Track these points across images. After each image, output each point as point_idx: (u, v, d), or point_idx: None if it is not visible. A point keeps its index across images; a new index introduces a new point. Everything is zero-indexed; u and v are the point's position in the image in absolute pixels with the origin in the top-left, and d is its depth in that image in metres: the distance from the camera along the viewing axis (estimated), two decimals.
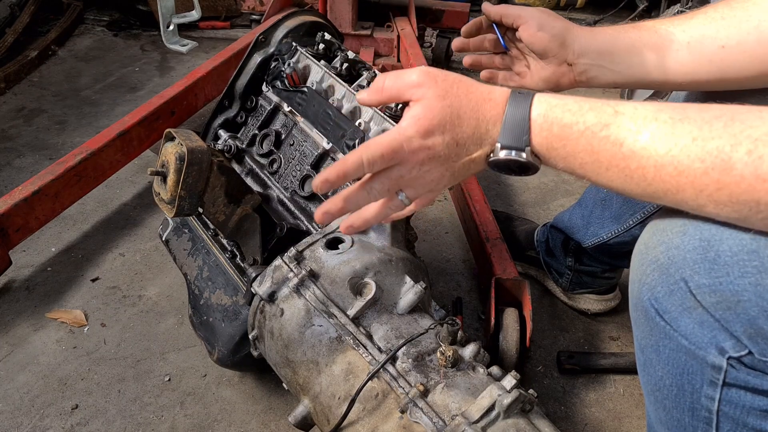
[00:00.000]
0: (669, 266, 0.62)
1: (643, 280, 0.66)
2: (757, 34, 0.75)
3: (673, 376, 0.67)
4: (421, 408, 0.76)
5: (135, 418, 1.14)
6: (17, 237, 1.37)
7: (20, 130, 2.02)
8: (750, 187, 0.52)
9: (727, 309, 0.58)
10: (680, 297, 0.61)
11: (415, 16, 2.47)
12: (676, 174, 0.56)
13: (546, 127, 0.63)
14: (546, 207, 1.82)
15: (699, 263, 0.59)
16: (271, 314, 0.91)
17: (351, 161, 0.68)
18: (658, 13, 3.12)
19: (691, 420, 0.68)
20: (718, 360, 0.61)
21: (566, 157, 0.63)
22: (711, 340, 0.61)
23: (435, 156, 0.67)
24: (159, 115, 1.69)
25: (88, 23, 2.87)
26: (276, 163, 1.18)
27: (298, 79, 1.22)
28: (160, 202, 0.95)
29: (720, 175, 0.53)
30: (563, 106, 0.63)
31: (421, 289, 0.90)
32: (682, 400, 0.68)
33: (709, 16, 0.80)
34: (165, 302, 1.39)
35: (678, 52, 0.82)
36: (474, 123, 0.66)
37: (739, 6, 0.77)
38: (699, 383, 0.64)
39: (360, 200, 0.73)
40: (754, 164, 0.51)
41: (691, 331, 0.62)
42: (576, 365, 1.28)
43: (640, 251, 0.67)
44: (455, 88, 0.66)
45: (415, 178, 0.69)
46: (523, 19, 0.90)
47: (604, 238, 1.24)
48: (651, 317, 0.66)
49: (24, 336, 1.29)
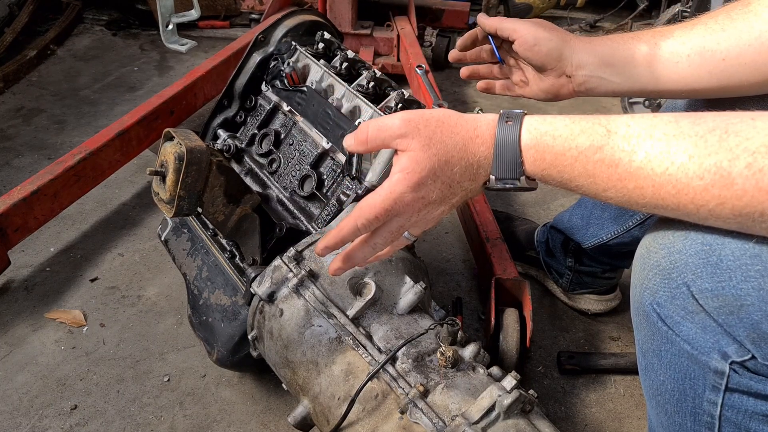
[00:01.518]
0: (671, 270, 0.62)
1: (645, 285, 0.65)
2: (759, 45, 0.75)
3: (675, 380, 0.67)
4: (421, 408, 0.76)
5: (134, 418, 1.14)
6: (16, 237, 1.37)
7: (19, 129, 2.02)
8: (753, 200, 0.52)
9: (729, 313, 0.58)
10: (682, 301, 0.61)
11: (414, 15, 2.46)
12: (675, 192, 0.55)
13: (539, 156, 0.63)
14: (546, 207, 1.81)
15: (701, 267, 0.59)
16: (270, 314, 0.91)
17: (346, 229, 0.68)
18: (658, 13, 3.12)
19: (693, 425, 0.68)
20: (720, 365, 0.61)
21: (563, 182, 0.63)
22: (714, 345, 0.61)
23: (430, 203, 0.67)
24: (158, 114, 1.69)
25: (87, 23, 2.86)
26: (275, 163, 1.17)
27: (298, 78, 1.22)
28: (159, 202, 0.94)
29: (720, 191, 0.53)
30: (553, 132, 0.62)
31: (421, 289, 0.89)
32: (684, 404, 0.67)
33: (709, 28, 0.79)
34: (164, 302, 1.39)
35: (678, 64, 0.82)
36: (464, 163, 0.65)
37: (740, 17, 0.77)
38: (701, 388, 0.64)
39: (366, 255, 0.72)
40: (755, 177, 0.51)
41: (694, 336, 0.62)
42: (576, 365, 1.28)
43: (642, 255, 0.67)
44: (439, 133, 0.65)
45: (414, 222, 0.69)
46: (518, 33, 0.89)
47: (603, 239, 1.23)
48: (653, 322, 0.65)
49: (23, 336, 1.29)
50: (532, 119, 0.64)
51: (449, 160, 0.64)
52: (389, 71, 2.33)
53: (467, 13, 2.67)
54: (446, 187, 0.66)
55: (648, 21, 3.32)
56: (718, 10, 0.81)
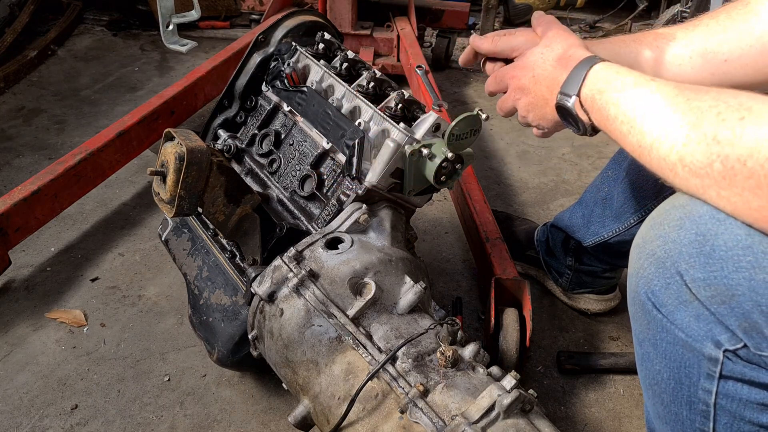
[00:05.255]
0: (665, 260, 0.63)
1: (640, 274, 0.67)
2: (760, 45, 0.76)
3: (670, 369, 0.68)
4: (421, 408, 0.76)
5: (134, 418, 1.14)
6: (17, 237, 1.37)
7: (19, 129, 2.02)
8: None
9: (721, 303, 0.59)
10: (676, 290, 0.62)
11: (414, 15, 2.47)
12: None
13: (589, 102, 0.72)
14: (546, 207, 1.81)
15: (694, 257, 0.60)
16: (270, 314, 0.91)
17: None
18: (657, 13, 3.12)
19: (688, 413, 0.69)
20: (714, 352, 0.62)
21: (600, 122, 0.72)
22: (707, 333, 0.62)
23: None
24: (158, 114, 1.69)
25: (88, 23, 2.87)
26: (275, 163, 1.18)
27: (298, 78, 1.22)
28: (159, 202, 0.94)
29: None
30: (611, 90, 0.69)
31: (421, 289, 0.90)
32: (680, 393, 0.68)
33: (711, 29, 0.80)
34: (164, 302, 1.39)
35: (680, 66, 0.83)
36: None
37: (740, 17, 0.77)
38: (696, 376, 0.65)
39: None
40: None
41: (687, 324, 0.63)
42: (576, 365, 1.28)
43: (638, 245, 0.68)
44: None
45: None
46: (518, 50, 0.89)
47: (604, 237, 1.24)
48: (648, 310, 0.67)
49: (23, 336, 1.29)
50: (606, 68, 0.73)
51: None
52: (389, 71, 2.33)
53: (467, 14, 2.67)
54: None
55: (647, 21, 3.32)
56: (718, 9, 0.81)
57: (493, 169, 1.98)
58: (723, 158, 0.54)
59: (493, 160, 2.03)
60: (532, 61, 0.82)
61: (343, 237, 0.95)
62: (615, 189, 1.19)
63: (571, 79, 0.74)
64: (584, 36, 3.21)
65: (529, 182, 1.92)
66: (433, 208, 1.76)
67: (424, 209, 1.67)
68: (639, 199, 1.15)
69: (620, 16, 3.28)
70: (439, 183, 1.00)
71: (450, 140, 0.93)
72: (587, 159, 2.06)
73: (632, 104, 0.66)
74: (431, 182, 1.00)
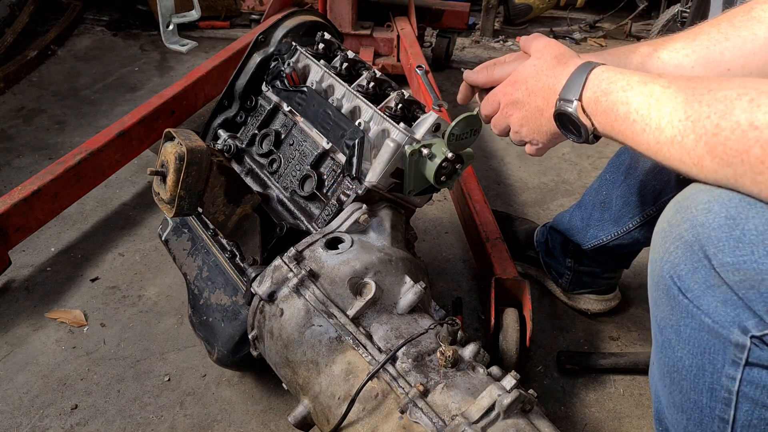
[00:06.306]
0: (693, 243, 0.62)
1: (666, 258, 0.65)
2: (764, 53, 0.75)
3: (693, 356, 0.67)
4: (421, 408, 0.76)
5: (134, 418, 1.14)
6: (17, 237, 1.37)
7: (20, 129, 2.02)
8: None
9: (750, 288, 0.58)
10: (704, 275, 0.61)
11: (414, 15, 2.47)
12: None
13: (593, 105, 0.72)
14: (546, 207, 1.81)
15: (724, 241, 0.59)
16: (270, 314, 0.91)
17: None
18: (658, 13, 3.12)
19: (709, 401, 0.68)
20: (741, 338, 0.61)
21: (606, 125, 0.71)
22: (734, 319, 0.61)
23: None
24: (158, 114, 1.69)
25: (88, 23, 2.87)
26: (276, 163, 1.18)
27: (298, 78, 1.22)
28: (159, 202, 0.94)
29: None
30: (613, 93, 0.69)
31: (421, 289, 0.90)
32: (702, 380, 0.67)
33: (712, 38, 0.79)
34: (164, 302, 1.39)
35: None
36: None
37: (743, 24, 0.76)
38: (720, 363, 0.64)
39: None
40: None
41: (714, 310, 0.62)
42: (576, 365, 1.28)
43: (663, 229, 0.67)
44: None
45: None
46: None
47: (603, 240, 1.24)
48: (673, 295, 0.65)
49: (23, 336, 1.29)
50: (604, 71, 0.72)
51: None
52: (389, 71, 2.33)
53: (467, 14, 2.67)
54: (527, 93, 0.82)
55: (647, 21, 3.33)
56: (719, 17, 0.80)
57: (493, 169, 1.98)
58: (763, 142, 0.54)
59: (493, 160, 2.03)
60: (524, 75, 0.82)
61: (343, 237, 0.95)
62: (613, 192, 1.19)
63: (571, 84, 0.73)
64: (584, 36, 3.22)
65: (529, 182, 1.92)
66: (433, 208, 1.76)
67: (424, 209, 1.67)
68: (638, 203, 1.15)
69: (620, 16, 3.28)
70: (439, 183, 1.00)
71: (450, 140, 0.93)
72: (587, 159, 2.06)
73: (645, 101, 0.65)
74: (431, 182, 1.00)
